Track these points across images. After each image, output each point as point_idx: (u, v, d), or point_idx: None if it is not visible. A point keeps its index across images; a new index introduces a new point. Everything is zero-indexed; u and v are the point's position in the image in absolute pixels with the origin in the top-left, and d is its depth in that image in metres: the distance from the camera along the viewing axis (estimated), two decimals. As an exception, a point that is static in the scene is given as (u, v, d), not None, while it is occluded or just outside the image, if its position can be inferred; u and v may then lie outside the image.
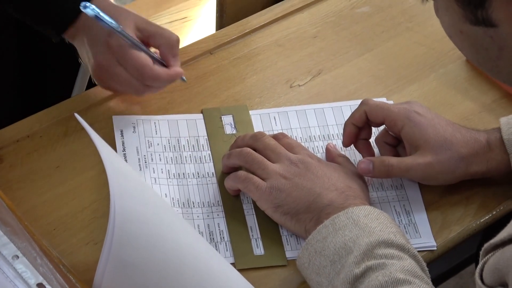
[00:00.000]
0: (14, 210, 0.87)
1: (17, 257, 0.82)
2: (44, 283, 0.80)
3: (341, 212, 0.95)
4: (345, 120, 1.09)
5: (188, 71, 1.19)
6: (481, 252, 0.85)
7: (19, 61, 1.36)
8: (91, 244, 0.99)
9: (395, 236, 0.93)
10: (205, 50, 1.22)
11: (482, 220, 1.05)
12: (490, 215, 1.05)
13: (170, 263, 0.87)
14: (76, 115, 0.90)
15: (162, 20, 1.85)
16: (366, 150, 1.08)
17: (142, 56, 1.07)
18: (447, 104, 1.16)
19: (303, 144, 1.09)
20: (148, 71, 1.07)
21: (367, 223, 0.93)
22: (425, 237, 1.02)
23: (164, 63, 1.09)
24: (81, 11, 1.06)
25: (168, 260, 0.87)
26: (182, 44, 1.15)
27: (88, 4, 1.05)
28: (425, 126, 1.03)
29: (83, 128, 0.87)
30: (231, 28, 1.26)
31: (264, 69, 1.20)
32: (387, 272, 0.88)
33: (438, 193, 1.06)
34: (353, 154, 1.09)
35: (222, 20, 1.46)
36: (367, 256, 0.90)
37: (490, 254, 0.84)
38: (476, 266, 1.36)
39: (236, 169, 1.05)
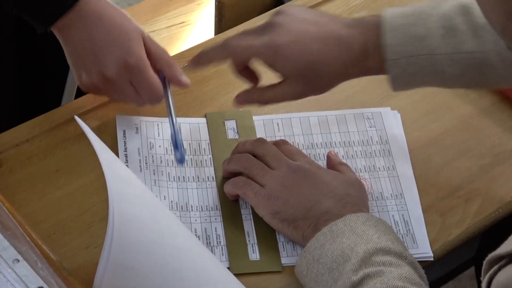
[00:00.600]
0: (14, 214, 0.87)
1: (18, 260, 0.82)
2: (45, 286, 0.80)
3: (339, 219, 0.95)
4: (348, 128, 1.11)
5: (187, 75, 1.18)
6: (484, 262, 0.82)
7: (18, 64, 1.36)
8: (91, 247, 0.99)
9: (393, 243, 0.92)
10: (203, 54, 1.22)
11: (481, 223, 1.05)
12: (489, 217, 1.05)
13: (168, 267, 0.87)
14: (76, 117, 0.89)
15: (160, 24, 1.85)
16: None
17: (156, 80, 1.07)
18: (445, 108, 1.17)
19: (305, 151, 1.09)
20: (160, 93, 1.07)
21: (365, 230, 0.93)
22: (422, 247, 1.01)
23: None
24: (76, 1, 1.02)
25: (166, 264, 0.87)
26: (180, 49, 1.15)
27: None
28: (295, 57, 1.00)
29: (82, 132, 0.87)
30: (229, 32, 1.25)
31: (264, 73, 1.20)
32: (384, 279, 0.88)
33: (437, 196, 1.07)
34: (354, 162, 1.09)
35: (221, 25, 1.46)
36: (364, 263, 0.90)
37: (496, 266, 0.81)
38: (476, 274, 1.36)
39: (236, 174, 1.05)
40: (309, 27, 1.01)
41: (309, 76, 1.02)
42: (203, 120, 1.13)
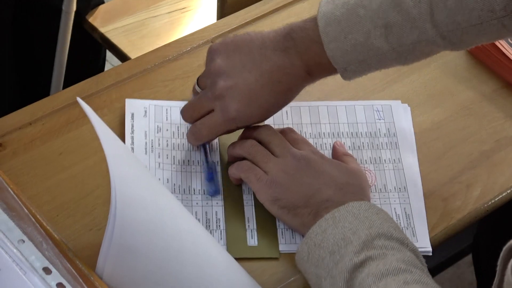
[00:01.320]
0: (19, 195, 0.87)
1: (23, 241, 0.82)
2: (50, 267, 0.80)
3: (341, 206, 0.95)
4: (357, 119, 1.11)
5: (189, 60, 1.19)
6: (504, 249, 0.81)
7: (19, 51, 1.36)
8: (94, 229, 0.99)
9: (395, 230, 0.93)
10: (206, 39, 1.22)
11: (482, 208, 1.05)
12: (490, 203, 1.06)
13: (170, 247, 0.87)
14: (79, 99, 0.89)
15: (162, 10, 1.85)
16: None
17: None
18: (447, 94, 1.17)
19: (312, 140, 1.09)
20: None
21: (367, 216, 0.94)
22: (422, 241, 1.02)
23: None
24: None
25: (168, 245, 0.87)
26: (182, 34, 1.15)
27: None
28: (251, 118, 1.03)
29: (86, 115, 0.87)
30: (232, 17, 1.26)
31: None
32: (387, 261, 0.88)
33: (439, 181, 1.07)
34: (360, 153, 1.10)
35: (223, 10, 1.46)
36: (367, 246, 0.90)
37: None
38: (474, 261, 1.36)
39: (241, 159, 1.05)
40: (250, 78, 1.01)
41: (270, 114, 1.05)
42: None
